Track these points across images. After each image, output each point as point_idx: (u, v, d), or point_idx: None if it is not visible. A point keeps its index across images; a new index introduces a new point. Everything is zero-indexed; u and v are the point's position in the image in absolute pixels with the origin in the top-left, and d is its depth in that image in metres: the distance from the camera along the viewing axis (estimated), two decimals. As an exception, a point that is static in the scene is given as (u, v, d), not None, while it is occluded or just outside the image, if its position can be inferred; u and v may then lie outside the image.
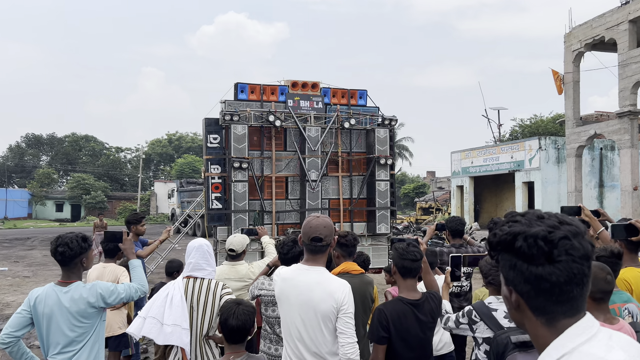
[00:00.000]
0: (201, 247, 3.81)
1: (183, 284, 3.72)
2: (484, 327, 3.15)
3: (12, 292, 11.90)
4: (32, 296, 3.27)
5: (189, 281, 3.74)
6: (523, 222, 1.18)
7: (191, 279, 3.75)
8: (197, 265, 3.76)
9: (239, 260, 4.97)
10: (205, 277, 3.76)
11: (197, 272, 3.76)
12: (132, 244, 3.86)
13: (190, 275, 3.76)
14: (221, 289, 3.75)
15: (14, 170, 63.21)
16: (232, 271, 4.89)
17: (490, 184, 29.65)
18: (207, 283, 3.75)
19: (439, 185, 51.36)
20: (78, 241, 3.27)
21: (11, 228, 39.51)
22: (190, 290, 3.69)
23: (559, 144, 24.08)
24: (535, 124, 40.90)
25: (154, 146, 67.45)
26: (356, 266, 3.98)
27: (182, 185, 35.37)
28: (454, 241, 5.82)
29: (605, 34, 18.84)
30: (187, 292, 3.67)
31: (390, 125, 11.19)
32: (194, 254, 3.78)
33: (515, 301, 1.19)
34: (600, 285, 2.65)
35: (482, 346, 3.19)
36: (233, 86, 10.58)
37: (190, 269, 3.77)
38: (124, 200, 55.39)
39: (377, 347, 3.07)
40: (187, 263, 3.82)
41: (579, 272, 1.13)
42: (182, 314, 3.56)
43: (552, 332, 1.14)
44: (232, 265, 4.94)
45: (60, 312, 3.20)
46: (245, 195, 10.08)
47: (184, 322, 3.55)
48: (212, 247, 3.93)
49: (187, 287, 3.70)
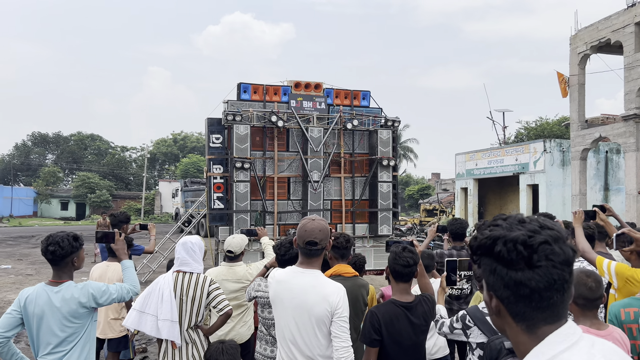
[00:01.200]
0: (185, 243, 3.93)
1: (173, 278, 3.84)
2: (477, 332, 3.11)
3: (14, 289, 11.94)
4: (22, 296, 3.26)
5: (178, 275, 3.86)
6: (504, 226, 1.16)
7: (180, 273, 3.87)
8: (184, 261, 3.89)
9: (237, 261, 4.97)
10: (194, 272, 3.88)
11: (185, 266, 3.89)
12: (124, 244, 3.90)
13: (179, 270, 3.88)
14: (208, 285, 3.88)
15: (20, 168, 63.49)
16: (230, 272, 4.88)
17: (495, 186, 29.53)
18: (196, 278, 3.87)
19: (444, 187, 51.20)
20: (69, 240, 3.27)
21: (16, 226, 39.70)
22: (179, 284, 3.81)
23: (564, 147, 23.96)
24: (540, 126, 40.72)
25: (159, 145, 67.61)
26: (349, 268, 3.95)
27: (186, 184, 35.44)
28: (455, 244, 5.78)
29: (611, 37, 18.75)
30: (176, 286, 3.80)
31: (393, 126, 11.16)
32: (179, 250, 3.94)
33: (495, 307, 1.17)
34: (581, 291, 2.63)
35: (476, 351, 3.15)
36: (236, 86, 10.59)
37: (179, 264, 3.90)
38: (128, 199, 55.54)
39: (369, 349, 3.04)
40: (176, 259, 3.97)
41: (560, 278, 1.11)
42: (171, 308, 3.70)
43: (532, 339, 1.12)
44: (230, 266, 4.92)
45: (51, 312, 3.20)
46: (247, 196, 10.08)
47: (173, 316, 3.69)
48: (199, 244, 4.02)
49: (176, 281, 3.83)
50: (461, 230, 5.78)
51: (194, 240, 4.00)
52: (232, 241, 4.97)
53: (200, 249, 3.99)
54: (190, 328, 3.81)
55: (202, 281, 3.86)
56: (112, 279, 5.03)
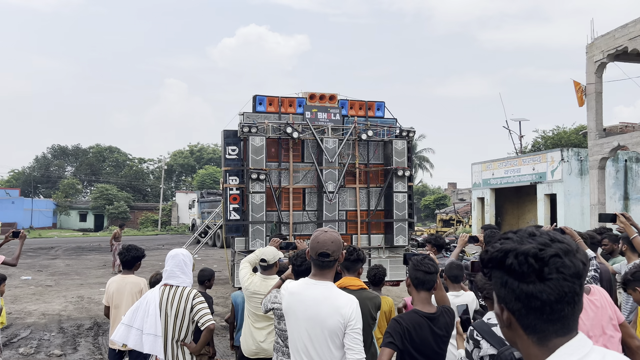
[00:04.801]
0: (177, 256, 3.93)
1: (159, 293, 3.85)
2: (487, 345, 3.06)
3: (34, 300, 12.10)
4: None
5: (164, 289, 3.87)
6: (514, 239, 1.18)
7: (167, 286, 3.88)
8: (172, 274, 3.88)
9: (271, 272, 4.73)
10: (180, 285, 3.88)
11: (172, 279, 3.88)
12: None
13: (166, 283, 3.89)
14: (192, 298, 3.86)
15: (40, 180, 64.48)
16: (263, 285, 4.60)
17: (512, 196, 29.27)
18: (181, 291, 3.86)
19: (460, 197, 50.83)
20: None
21: (36, 237, 40.21)
22: (165, 298, 3.82)
23: (581, 156, 23.71)
24: (557, 135, 40.33)
25: (175, 157, 68.25)
26: (357, 281, 3.93)
27: (203, 196, 35.71)
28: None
29: (628, 45, 18.57)
30: (162, 300, 3.81)
31: (408, 136, 11.15)
32: (169, 263, 3.92)
33: (506, 319, 1.18)
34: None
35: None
36: (252, 98, 10.68)
37: (167, 276, 3.90)
38: (146, 210, 56.02)
39: (384, 349, 3.01)
40: (164, 271, 3.96)
41: (570, 291, 1.12)
42: (155, 323, 3.72)
43: (543, 351, 1.13)
44: (264, 279, 4.68)
45: None
46: (262, 207, 10.13)
47: (157, 330, 3.72)
48: (190, 257, 3.99)
49: (162, 295, 3.83)
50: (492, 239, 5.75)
51: (185, 252, 3.98)
52: (265, 250, 4.81)
53: (190, 261, 3.97)
54: (175, 343, 3.78)
55: (187, 294, 3.83)
56: (131, 292, 5.05)
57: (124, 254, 5.14)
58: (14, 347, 8.02)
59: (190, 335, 3.93)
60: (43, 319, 10.17)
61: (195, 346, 3.91)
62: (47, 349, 8.01)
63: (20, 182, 61.99)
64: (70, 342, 8.49)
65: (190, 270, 3.98)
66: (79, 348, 8.12)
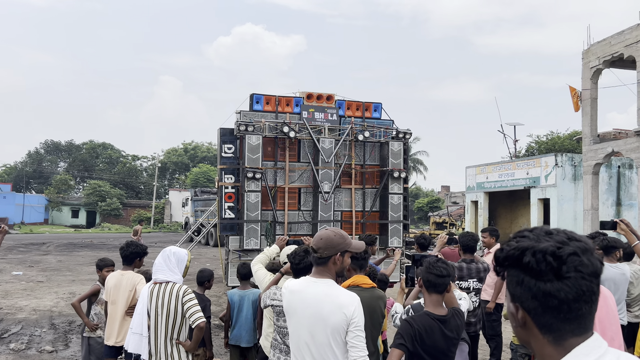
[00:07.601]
0: (164, 252, 3.94)
1: (148, 291, 3.83)
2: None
3: (25, 296, 12.00)
4: None
5: (154, 287, 3.85)
6: (531, 237, 1.16)
7: (156, 284, 3.85)
8: (159, 267, 3.87)
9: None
10: (170, 281, 3.84)
11: (159, 274, 3.86)
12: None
13: (155, 281, 3.87)
14: (183, 295, 3.82)
15: (32, 176, 64.07)
16: None
17: (505, 200, 29.36)
18: (171, 288, 3.83)
19: (454, 200, 50.96)
20: None
21: (27, 233, 39.96)
22: (154, 296, 3.80)
23: (575, 161, 23.81)
24: (551, 140, 40.53)
25: (169, 155, 68.04)
26: (367, 279, 3.94)
27: (196, 194, 35.55)
28: (465, 256, 5.79)
29: (624, 51, 18.67)
30: (151, 298, 3.79)
31: (405, 138, 11.16)
32: (158, 258, 3.92)
33: (521, 318, 1.17)
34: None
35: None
36: (249, 97, 10.66)
37: (154, 271, 3.91)
38: (138, 207, 55.82)
39: (394, 350, 3.01)
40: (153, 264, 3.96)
41: (588, 290, 1.11)
42: (142, 322, 3.72)
43: (559, 350, 1.12)
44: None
45: None
46: (257, 206, 10.10)
47: (143, 330, 3.71)
48: (179, 255, 3.96)
49: (151, 293, 3.81)
50: (472, 243, 5.80)
51: (175, 250, 3.97)
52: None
53: (178, 260, 3.93)
54: (169, 341, 3.74)
55: (177, 291, 3.80)
56: (127, 288, 5.00)
57: (123, 248, 5.08)
58: (4, 343, 7.95)
59: (185, 333, 3.89)
60: (34, 314, 10.09)
61: (190, 344, 3.87)
62: (38, 344, 7.94)
63: (12, 177, 61.58)
64: (61, 338, 8.42)
65: (177, 266, 3.92)
66: (70, 344, 8.05)
